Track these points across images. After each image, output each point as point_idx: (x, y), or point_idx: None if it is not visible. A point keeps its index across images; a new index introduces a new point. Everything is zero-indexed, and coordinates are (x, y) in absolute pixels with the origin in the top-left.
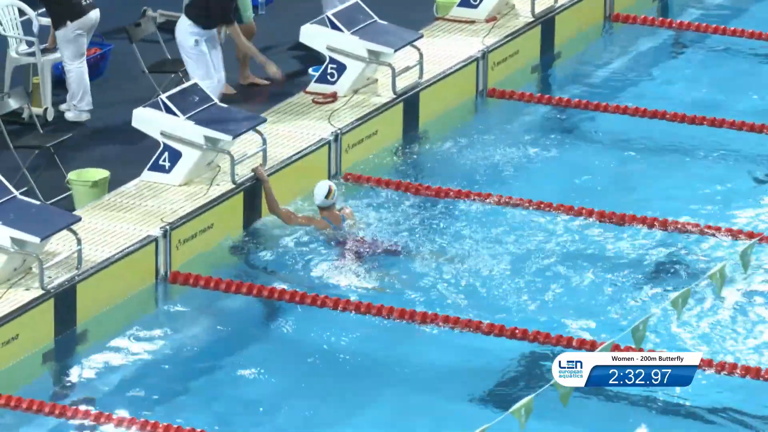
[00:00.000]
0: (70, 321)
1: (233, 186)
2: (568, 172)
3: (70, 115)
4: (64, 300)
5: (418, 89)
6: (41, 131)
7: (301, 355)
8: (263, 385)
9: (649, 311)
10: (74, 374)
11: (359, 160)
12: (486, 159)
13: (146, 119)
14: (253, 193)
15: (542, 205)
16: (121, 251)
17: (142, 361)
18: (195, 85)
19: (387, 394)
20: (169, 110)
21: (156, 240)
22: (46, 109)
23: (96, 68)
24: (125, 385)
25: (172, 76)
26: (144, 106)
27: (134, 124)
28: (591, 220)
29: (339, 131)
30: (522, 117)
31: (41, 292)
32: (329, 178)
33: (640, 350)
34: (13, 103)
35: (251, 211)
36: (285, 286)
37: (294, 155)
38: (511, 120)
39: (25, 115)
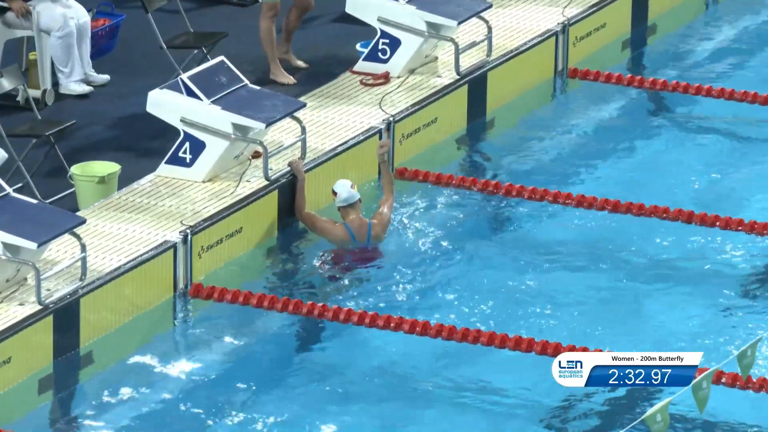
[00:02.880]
0: (71, 342)
1: (266, 183)
2: (664, 167)
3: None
4: (65, 317)
5: (486, 69)
6: (39, 117)
7: (344, 379)
8: (299, 415)
9: (757, 333)
10: (76, 404)
11: (415, 154)
12: (566, 152)
13: (164, 103)
14: (289, 191)
15: (631, 208)
16: (132, 260)
17: (157, 390)
18: (222, 63)
19: (435, 422)
20: (190, 93)
21: (174, 246)
22: (45, 91)
23: (104, 43)
24: (136, 418)
25: (195, 52)
26: (161, 88)
27: (149, 109)
28: (689, 224)
29: (392, 118)
30: (609, 102)
31: (38, 307)
32: (380, 173)
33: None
34: (6, 84)
35: (287, 213)
36: (327, 302)
37: (338, 146)
38: (596, 105)
39: (20, 97)
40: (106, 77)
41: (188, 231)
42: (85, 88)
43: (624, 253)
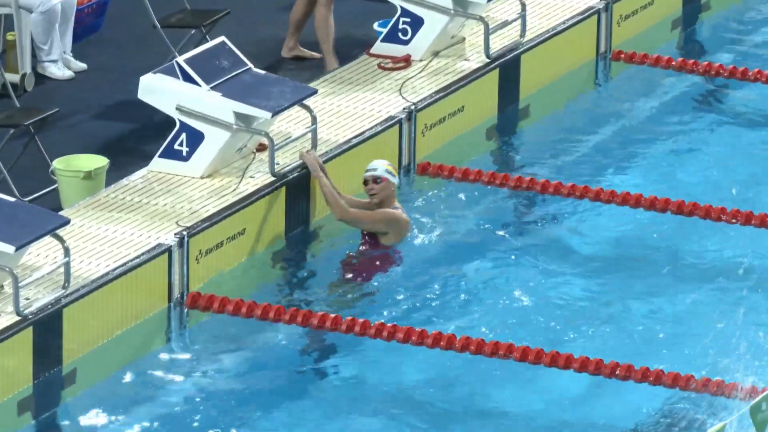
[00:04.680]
0: (54, 357)
1: (272, 179)
2: (720, 162)
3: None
4: (47, 329)
5: (520, 51)
6: (17, 104)
7: (360, 399)
8: None
9: None
10: (59, 427)
11: (439, 146)
12: (609, 144)
13: (157, 90)
14: (298, 188)
15: (683, 207)
16: (122, 265)
17: (149, 411)
18: (223, 44)
19: None
20: (187, 78)
21: (169, 250)
22: (24, 76)
23: (91, 22)
24: None
25: (193, 32)
26: (154, 73)
27: (141, 96)
28: (748, 225)
29: (413, 107)
30: (658, 88)
31: (16, 318)
32: (400, 168)
33: None
34: None
35: (296, 213)
36: (340, 313)
37: (353, 138)
38: (643, 92)
39: None
40: (83, 65)
41: (185, 233)
42: (66, 73)
43: (675, 257)
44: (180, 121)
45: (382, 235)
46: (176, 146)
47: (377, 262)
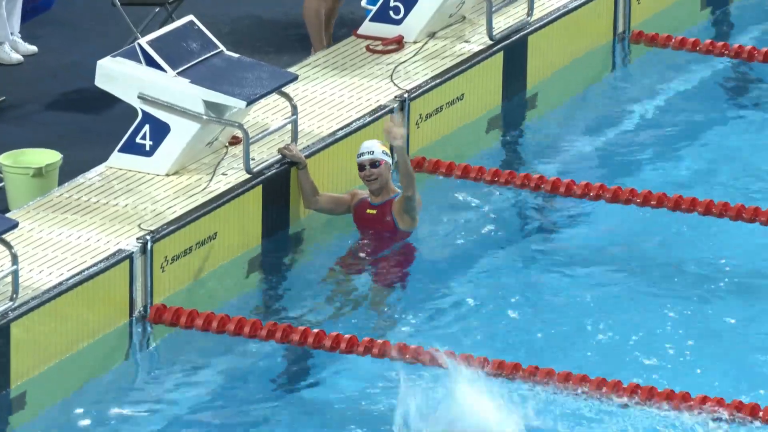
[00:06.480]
0: (1, 379)
1: (248, 176)
2: (752, 157)
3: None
4: None
5: (527, 32)
6: None
7: (348, 427)
8: None
9: None
10: None
11: (436, 139)
12: (627, 137)
13: (117, 75)
14: (276, 187)
15: (712, 207)
16: (77, 274)
17: None
18: (191, 24)
19: None
20: (151, 62)
21: (131, 257)
22: None
23: None
24: None
25: (157, 10)
26: (114, 56)
27: (98, 82)
28: None
29: (406, 95)
30: (683, 74)
31: None
32: (393, 164)
33: None
34: None
35: (274, 214)
36: (324, 327)
37: (338, 130)
38: (666, 78)
39: None
40: (33, 48)
41: (148, 237)
42: (13, 57)
43: (705, 263)
44: (142, 110)
45: (409, 218)
46: (138, 139)
47: (405, 256)
